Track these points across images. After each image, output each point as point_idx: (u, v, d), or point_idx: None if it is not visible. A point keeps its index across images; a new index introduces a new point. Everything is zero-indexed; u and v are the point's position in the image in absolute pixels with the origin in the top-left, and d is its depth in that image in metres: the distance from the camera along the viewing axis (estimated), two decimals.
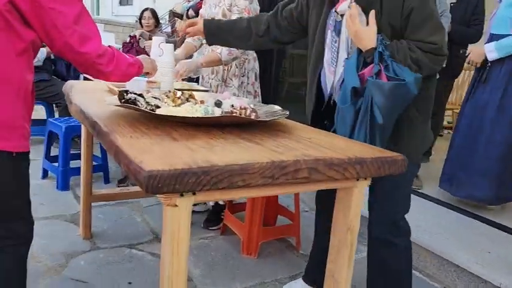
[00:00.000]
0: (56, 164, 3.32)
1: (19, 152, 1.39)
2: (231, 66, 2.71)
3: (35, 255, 2.30)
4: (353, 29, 1.56)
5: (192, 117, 1.41)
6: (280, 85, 5.25)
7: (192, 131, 1.40)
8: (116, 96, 1.59)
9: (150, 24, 5.03)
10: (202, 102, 1.83)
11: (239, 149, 1.25)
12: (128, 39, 4.92)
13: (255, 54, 2.84)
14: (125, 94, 1.51)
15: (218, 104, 1.75)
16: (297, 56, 5.36)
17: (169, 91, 1.79)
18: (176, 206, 1.09)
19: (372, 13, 1.54)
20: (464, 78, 4.79)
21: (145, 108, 1.45)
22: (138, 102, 1.46)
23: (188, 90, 2.23)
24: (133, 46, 4.77)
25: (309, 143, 1.41)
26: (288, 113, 1.61)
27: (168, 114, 1.39)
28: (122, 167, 1.13)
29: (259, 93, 2.83)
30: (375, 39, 1.53)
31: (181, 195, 1.08)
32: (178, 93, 1.78)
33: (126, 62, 1.52)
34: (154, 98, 1.54)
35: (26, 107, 1.42)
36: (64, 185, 3.24)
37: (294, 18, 1.93)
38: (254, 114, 1.59)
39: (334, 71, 1.72)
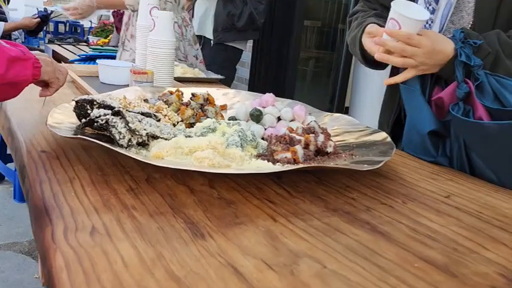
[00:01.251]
0: (13, 166, 2.54)
1: None
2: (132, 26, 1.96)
3: None
4: (420, 53, 0.92)
5: (237, 173, 0.66)
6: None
7: (223, 191, 0.67)
8: (72, 109, 0.84)
9: None
10: (223, 107, 1.10)
11: (356, 267, 0.52)
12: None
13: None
14: (88, 108, 0.75)
15: (257, 116, 1.01)
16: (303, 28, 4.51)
17: (170, 92, 1.04)
18: None
19: None
20: None
21: (129, 142, 0.71)
22: (113, 129, 0.71)
23: (194, 80, 1.48)
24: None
25: (459, 213, 0.71)
26: (394, 149, 0.86)
27: (185, 168, 0.64)
28: None
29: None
30: (450, 42, 0.92)
31: None
32: (186, 96, 1.03)
33: (5, 57, 0.73)
34: (145, 114, 0.79)
35: None
36: (23, 195, 2.47)
37: None
38: (331, 143, 0.86)
39: None
